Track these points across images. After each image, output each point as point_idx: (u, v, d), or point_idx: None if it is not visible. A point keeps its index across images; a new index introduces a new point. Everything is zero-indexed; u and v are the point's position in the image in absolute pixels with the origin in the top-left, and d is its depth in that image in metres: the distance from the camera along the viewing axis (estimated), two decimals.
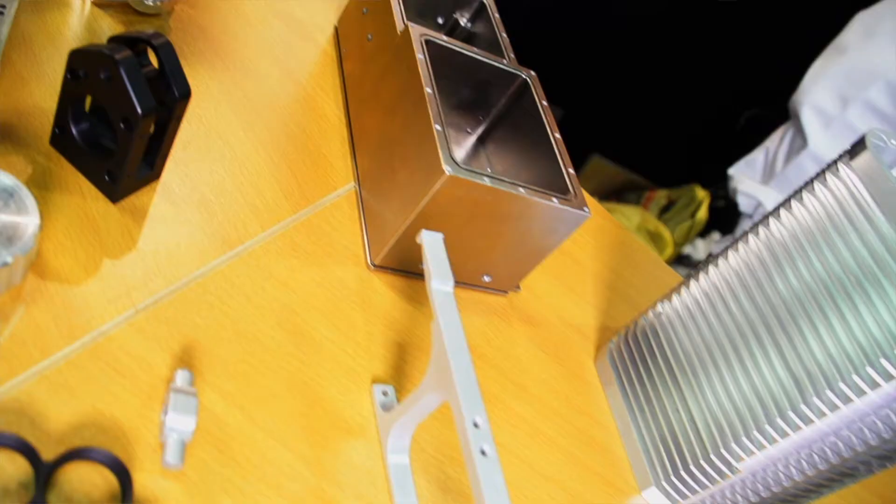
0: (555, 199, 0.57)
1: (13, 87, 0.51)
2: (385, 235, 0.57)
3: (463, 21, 0.75)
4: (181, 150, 0.54)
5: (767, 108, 1.60)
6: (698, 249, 2.05)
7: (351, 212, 0.60)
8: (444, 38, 0.62)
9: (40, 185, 0.48)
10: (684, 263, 2.04)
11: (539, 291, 0.66)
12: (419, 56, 0.58)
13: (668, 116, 1.90)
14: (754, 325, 0.53)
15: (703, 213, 1.98)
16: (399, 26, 0.62)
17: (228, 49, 0.65)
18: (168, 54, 0.48)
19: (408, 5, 0.65)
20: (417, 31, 0.61)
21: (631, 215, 1.91)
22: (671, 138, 1.99)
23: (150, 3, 0.61)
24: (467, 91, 0.66)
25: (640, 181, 2.19)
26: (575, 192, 0.59)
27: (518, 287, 0.65)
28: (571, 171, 0.61)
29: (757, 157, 1.44)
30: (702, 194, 2.00)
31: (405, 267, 0.58)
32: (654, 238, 1.92)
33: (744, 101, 1.80)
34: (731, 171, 1.48)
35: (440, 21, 0.75)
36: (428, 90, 0.56)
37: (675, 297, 0.60)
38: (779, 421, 0.50)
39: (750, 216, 1.43)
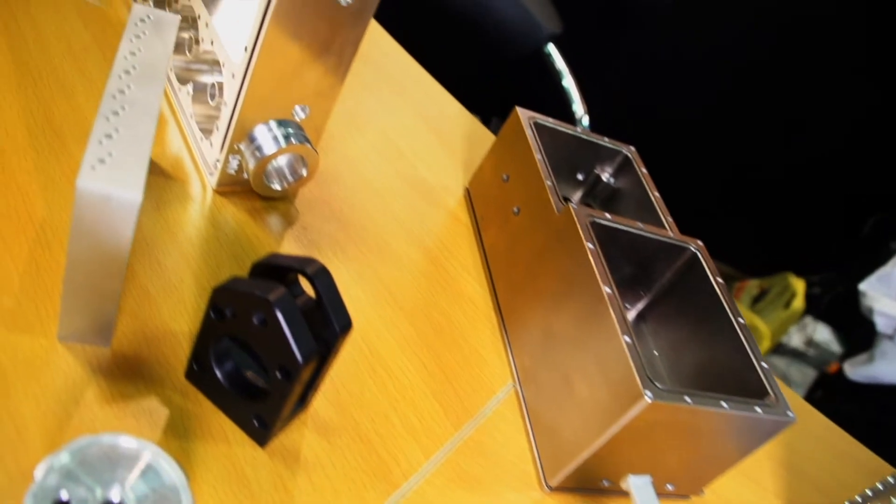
0: (758, 409, 0.48)
1: (140, 305, 0.45)
2: (563, 455, 0.48)
3: (605, 176, 0.67)
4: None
5: (892, 213, 1.50)
6: (792, 337, 1.93)
7: (514, 418, 0.52)
8: (609, 217, 0.55)
9: (180, 433, 0.40)
10: (779, 352, 1.92)
11: (723, 491, 0.56)
12: (589, 245, 0.50)
13: (758, 204, 1.81)
14: None
15: (799, 303, 1.87)
16: (556, 206, 0.54)
17: (358, 226, 0.58)
18: (325, 284, 0.40)
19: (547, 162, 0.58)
20: (582, 214, 0.53)
21: None
22: (760, 227, 1.88)
23: (277, 188, 0.55)
24: (629, 268, 0.58)
25: (729, 271, 2.08)
26: (775, 393, 0.50)
27: (702, 491, 0.55)
28: (765, 364, 0.52)
29: (891, 272, 1.33)
30: (796, 283, 1.89)
31: (585, 485, 0.50)
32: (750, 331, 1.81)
33: (837, 186, 1.71)
34: (863, 286, 1.38)
35: (580, 177, 0.68)
36: (607, 290, 0.48)
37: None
38: None
39: (890, 337, 1.32)
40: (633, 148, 0.67)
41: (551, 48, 1.22)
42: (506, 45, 1.25)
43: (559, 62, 1.23)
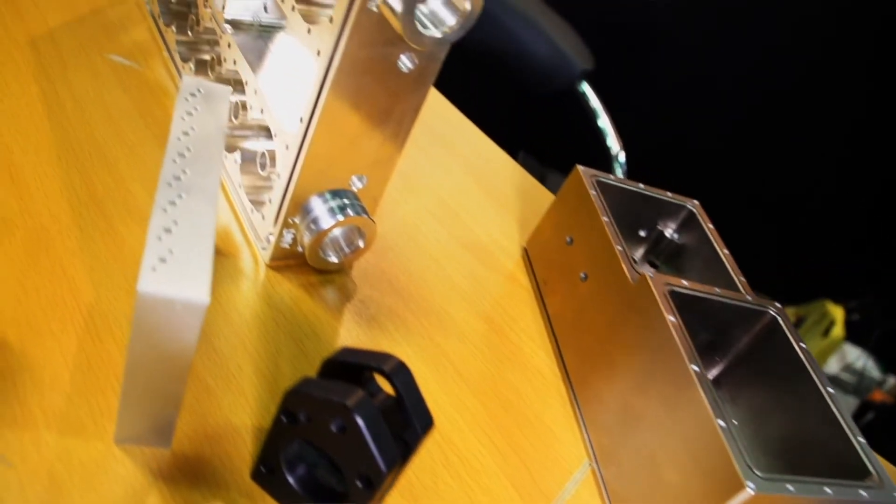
0: (863, 492, 0.45)
1: (198, 399, 0.42)
2: None
3: (668, 232, 0.64)
4: None
5: None
6: (830, 365, 1.88)
7: (594, 502, 0.48)
8: (686, 284, 0.51)
9: None
10: None
11: None
12: (670, 319, 0.47)
13: (788, 230, 1.77)
14: None
15: (838, 331, 1.83)
16: (630, 274, 0.50)
17: (416, 296, 0.55)
18: (405, 382, 0.37)
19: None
20: (660, 283, 0.49)
21: None
22: (792, 252, 1.85)
23: (334, 260, 0.52)
24: (705, 334, 0.55)
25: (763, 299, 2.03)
26: (878, 471, 0.47)
27: None
28: (862, 439, 0.49)
29: None
30: (834, 310, 1.84)
31: None
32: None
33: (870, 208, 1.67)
34: None
35: (642, 234, 0.64)
36: (695, 368, 0.44)
37: None
38: None
39: None
40: (696, 202, 0.64)
41: (585, 86, 1.19)
42: (538, 84, 1.22)
43: (593, 99, 1.20)
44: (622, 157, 1.24)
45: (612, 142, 1.24)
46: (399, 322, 0.53)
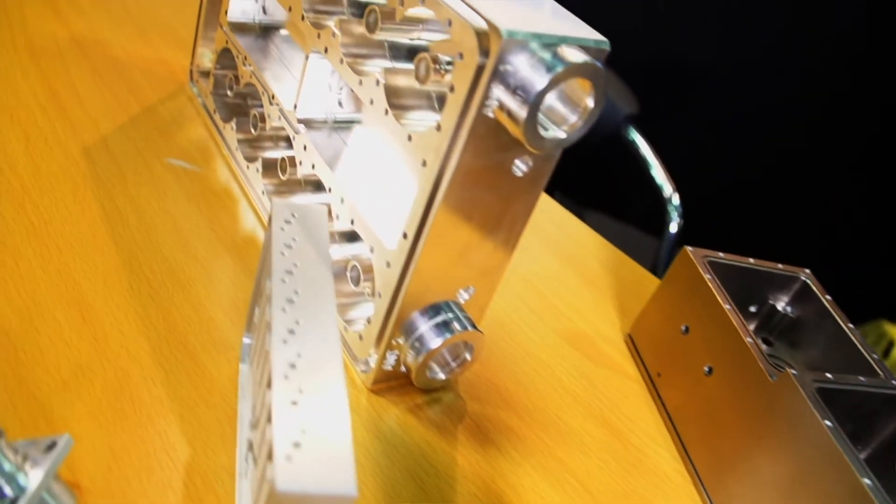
0: None
1: None
2: None
3: (781, 306, 0.58)
4: None
5: None
6: None
7: None
8: (830, 377, 0.46)
9: None
10: None
11: None
12: (827, 424, 0.41)
13: (845, 252, 1.71)
14: None
15: None
16: (767, 370, 0.45)
17: (528, 406, 0.51)
18: None
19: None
20: (807, 382, 0.44)
21: None
22: (848, 273, 1.78)
23: (441, 377, 0.47)
24: (849, 425, 0.49)
25: None
26: None
27: None
28: None
29: None
30: (892, 330, 1.78)
31: None
32: None
33: None
34: None
35: (752, 309, 0.59)
36: (867, 482, 0.39)
37: None
38: None
39: None
40: (808, 271, 0.58)
41: (633, 133, 1.15)
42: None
43: (642, 146, 1.16)
44: (676, 199, 1.19)
45: (665, 184, 1.19)
46: (516, 439, 0.47)
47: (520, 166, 0.40)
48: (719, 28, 1.56)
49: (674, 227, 1.19)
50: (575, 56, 0.36)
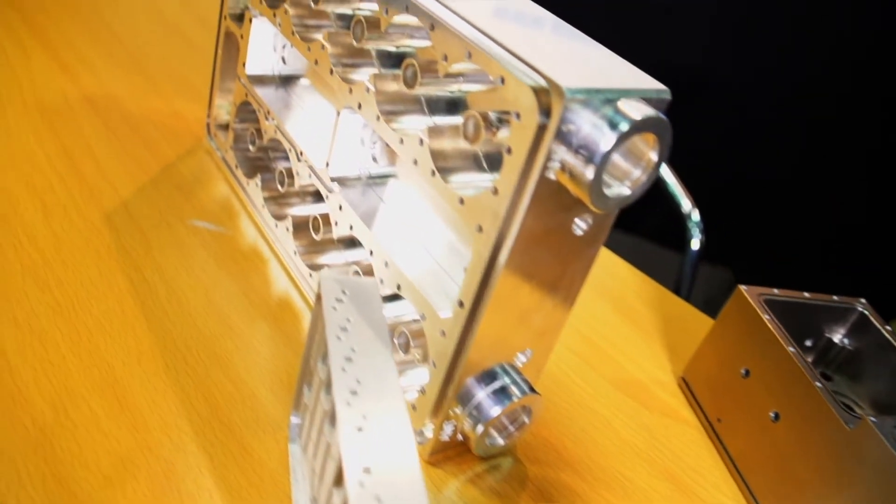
0: None
1: None
2: None
3: (837, 338, 0.56)
4: None
5: None
6: None
7: None
8: None
9: None
10: None
11: None
12: None
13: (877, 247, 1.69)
14: None
15: None
16: (843, 417, 0.43)
17: (590, 465, 0.49)
18: None
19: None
20: (887, 428, 0.42)
21: None
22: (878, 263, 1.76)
23: (500, 443, 0.44)
24: None
25: None
26: None
27: None
28: None
29: None
30: None
31: None
32: None
33: None
34: None
35: (808, 343, 0.56)
36: None
37: None
38: None
39: None
40: (863, 300, 0.56)
41: None
42: None
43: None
44: (696, 215, 1.17)
45: (682, 199, 1.17)
46: (581, 503, 0.45)
47: (580, 225, 0.38)
48: (737, 36, 1.54)
49: (695, 245, 1.17)
50: (639, 111, 0.34)
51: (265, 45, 0.58)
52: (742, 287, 0.52)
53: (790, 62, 1.52)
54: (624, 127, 0.33)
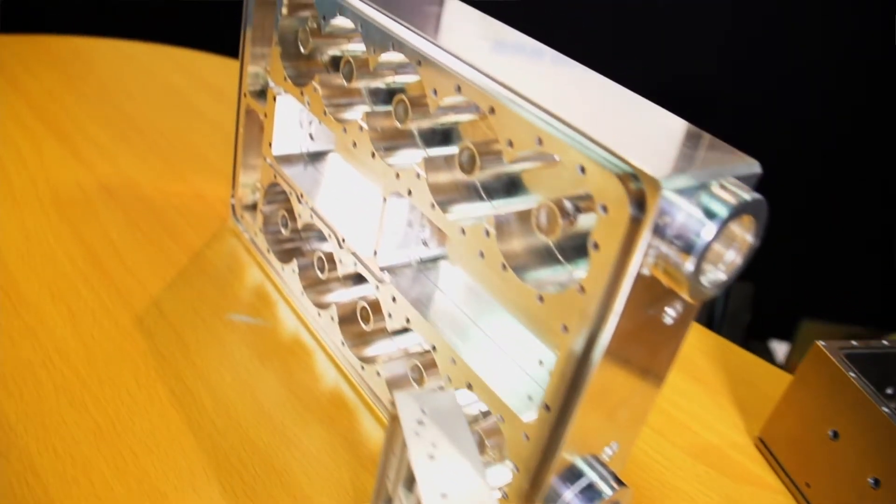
0: None
1: None
2: None
3: None
4: None
5: None
6: None
7: None
8: None
9: None
10: None
11: None
12: None
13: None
14: None
15: None
16: None
17: None
18: None
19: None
20: None
21: None
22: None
23: None
24: None
25: (862, 332, 1.91)
26: None
27: None
28: None
29: None
30: None
31: None
32: None
33: None
34: None
35: (889, 391, 0.53)
36: None
37: None
38: None
39: None
40: None
41: None
42: None
43: None
44: None
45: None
46: None
47: (670, 314, 0.35)
48: (752, 53, 1.52)
49: None
50: (736, 194, 0.31)
51: (291, 123, 0.55)
52: (820, 343, 0.49)
53: (806, 78, 1.51)
54: (724, 214, 0.30)
